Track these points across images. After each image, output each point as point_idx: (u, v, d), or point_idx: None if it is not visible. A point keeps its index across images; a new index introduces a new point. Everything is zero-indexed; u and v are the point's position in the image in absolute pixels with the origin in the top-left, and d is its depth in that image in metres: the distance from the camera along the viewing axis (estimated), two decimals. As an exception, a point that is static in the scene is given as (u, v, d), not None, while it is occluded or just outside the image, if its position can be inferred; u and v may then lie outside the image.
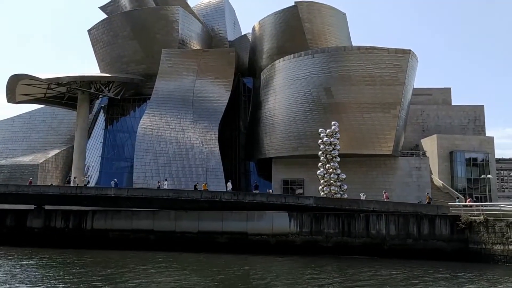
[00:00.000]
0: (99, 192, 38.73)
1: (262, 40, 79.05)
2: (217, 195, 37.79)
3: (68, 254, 35.09)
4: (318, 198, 37.68)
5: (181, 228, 37.52)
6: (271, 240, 35.47)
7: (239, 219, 36.23)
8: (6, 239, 41.14)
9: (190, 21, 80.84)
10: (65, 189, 39.58)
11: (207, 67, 74.38)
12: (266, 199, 36.93)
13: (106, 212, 39.46)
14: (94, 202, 39.15)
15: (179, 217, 37.84)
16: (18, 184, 45.27)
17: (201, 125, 70.48)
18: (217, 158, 67.22)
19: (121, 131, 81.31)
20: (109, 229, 38.90)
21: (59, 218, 40.12)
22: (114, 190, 39.10)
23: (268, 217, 35.86)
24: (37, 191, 39.12)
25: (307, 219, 34.97)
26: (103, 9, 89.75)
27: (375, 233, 33.96)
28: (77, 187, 40.33)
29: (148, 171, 65.50)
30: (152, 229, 38.17)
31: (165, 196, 37.88)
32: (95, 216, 39.46)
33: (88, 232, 39.35)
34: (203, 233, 36.86)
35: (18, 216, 41.50)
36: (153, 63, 79.03)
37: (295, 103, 65.58)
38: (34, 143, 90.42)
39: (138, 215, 38.84)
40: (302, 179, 67.44)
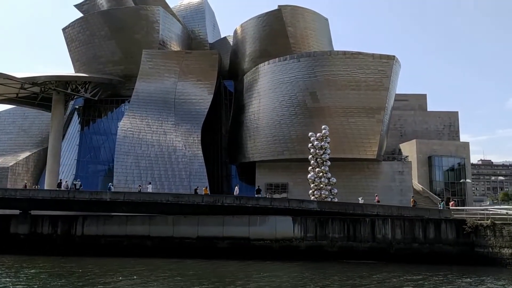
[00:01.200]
0: (94, 196, 36.87)
1: (244, 43, 78.53)
2: (219, 199, 36.77)
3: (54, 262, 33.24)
4: (323, 202, 37.40)
5: (179, 233, 36.21)
6: (274, 245, 34.80)
7: (241, 224, 35.37)
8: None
9: (170, 22, 79.36)
10: (56, 193, 37.46)
11: (189, 69, 73.12)
12: (270, 204, 36.25)
13: (97, 217, 37.63)
14: (87, 207, 37.28)
15: (178, 222, 36.54)
16: (4, 188, 42.65)
17: (184, 127, 69.10)
18: (200, 161, 66.03)
19: (97, 133, 78.59)
20: (101, 235, 37.04)
21: (46, 223, 37.87)
22: (110, 194, 37.34)
23: (271, 221, 35.19)
24: (26, 195, 36.82)
25: (312, 224, 34.55)
26: (79, 7, 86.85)
27: (381, 237, 33.96)
28: (69, 191, 38.30)
29: (129, 175, 63.56)
30: (149, 234, 36.65)
31: (164, 200, 36.53)
32: (85, 221, 37.52)
33: (78, 238, 37.36)
34: (203, 239, 35.72)
35: (1, 221, 38.99)
36: (131, 64, 77.02)
37: (280, 106, 65.40)
38: (2, 145, 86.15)
39: (133, 220, 37.25)
40: (286, 183, 67.29)
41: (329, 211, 35.53)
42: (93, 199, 36.49)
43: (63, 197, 36.73)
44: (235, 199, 36.84)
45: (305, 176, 66.70)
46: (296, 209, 35.56)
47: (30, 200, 36.82)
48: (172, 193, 41.37)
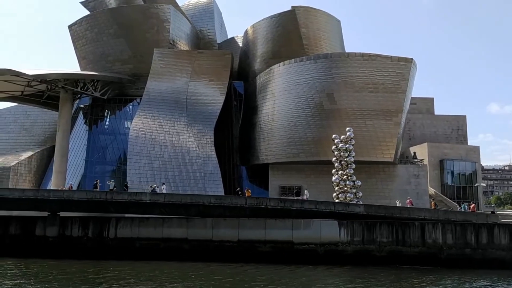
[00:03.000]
0: (133, 197, 35.42)
1: (255, 43, 77.70)
2: (262, 201, 35.74)
3: (87, 266, 31.93)
4: (369, 206, 36.66)
5: (219, 236, 35.05)
6: (319, 249, 33.91)
7: (284, 227, 34.41)
8: (10, 249, 36.92)
9: (180, 21, 78.17)
10: (93, 194, 35.94)
11: (201, 69, 72.01)
12: (315, 207, 35.37)
13: (132, 219, 36.23)
14: (124, 209, 35.88)
15: (217, 224, 35.37)
16: (36, 189, 40.98)
17: (196, 128, 67.96)
18: (214, 163, 64.97)
19: (104, 133, 76.90)
20: (136, 237, 35.66)
21: (76, 226, 36.31)
22: (150, 196, 35.93)
23: (315, 225, 34.31)
24: (60, 197, 35.21)
25: (359, 228, 33.79)
26: (85, 4, 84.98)
27: (431, 242, 33.35)
28: (107, 192, 36.86)
29: (142, 176, 62.14)
30: (186, 237, 35.37)
31: (207, 202, 35.33)
32: (119, 223, 36.07)
33: (111, 241, 35.95)
34: (244, 242, 34.63)
35: (24, 223, 37.29)
36: (140, 63, 75.71)
37: (296, 108, 64.72)
38: (3, 144, 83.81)
39: (170, 223, 35.95)
40: (300, 186, 66.59)
41: (375, 214, 34.86)
42: (132, 201, 35.14)
43: (100, 198, 35.31)
44: (279, 201, 35.91)
45: (319, 179, 66.44)
46: (342, 213, 34.81)
47: (64, 201, 35.32)
48: (214, 195, 40.25)
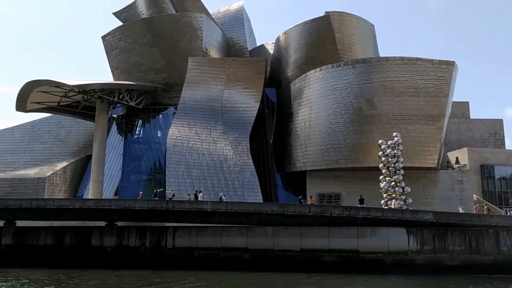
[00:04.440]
0: (194, 206, 34.95)
1: (288, 50, 77.31)
2: (327, 209, 34.97)
3: (148, 276, 31.54)
4: (439, 213, 35.61)
5: (280, 245, 34.35)
6: (387, 258, 32.97)
7: (349, 236, 33.57)
8: (65, 261, 36.76)
9: (212, 29, 78.32)
10: (155, 203, 35.64)
11: (235, 77, 71.86)
12: (382, 214, 34.48)
13: (190, 228, 35.79)
14: (183, 218, 35.40)
15: (278, 233, 34.69)
16: (97, 199, 40.91)
17: (232, 136, 67.59)
18: (251, 170, 64.39)
19: (139, 142, 77.23)
20: (194, 247, 35.17)
21: (133, 235, 36.02)
22: (211, 204, 35.47)
23: (382, 233, 33.41)
24: (121, 206, 34.99)
25: (429, 236, 32.80)
26: (117, 15, 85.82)
27: (507, 249, 32.16)
28: (168, 201, 36.48)
29: (181, 184, 61.80)
30: (246, 247, 34.80)
31: (269, 210, 34.70)
32: (176, 232, 35.64)
33: (169, 251, 35.52)
34: (307, 251, 33.87)
35: (80, 234, 37.12)
36: (173, 72, 75.99)
37: (334, 114, 63.91)
38: (38, 155, 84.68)
39: (229, 232, 35.36)
40: (339, 193, 65.57)
41: (445, 222, 33.79)
42: (193, 210, 34.66)
43: (162, 207, 34.96)
44: (344, 209, 35.08)
45: (359, 186, 65.20)
46: (410, 220, 33.82)
47: (125, 211, 35.05)
48: (276, 203, 39.65)
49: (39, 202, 38.42)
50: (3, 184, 79.01)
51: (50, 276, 32.62)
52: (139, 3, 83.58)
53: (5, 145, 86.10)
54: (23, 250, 37.53)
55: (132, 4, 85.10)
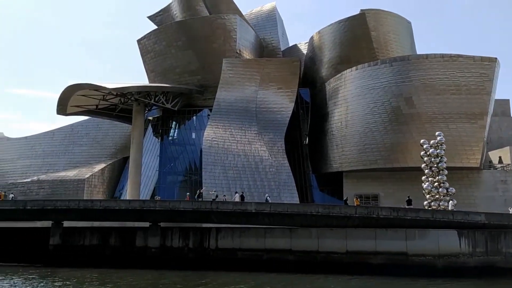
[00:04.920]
0: (238, 207, 35.09)
1: (322, 49, 76.55)
2: (373, 211, 34.45)
3: (193, 277, 31.67)
4: (491, 214, 34.52)
5: (325, 247, 33.96)
6: (437, 261, 32.07)
7: (397, 238, 32.86)
8: (110, 261, 37.40)
9: (246, 30, 78.42)
10: (199, 204, 35.96)
11: (269, 77, 71.70)
12: (432, 216, 33.66)
13: (232, 229, 35.86)
14: (226, 219, 35.49)
15: (323, 235, 34.31)
16: (141, 199, 41.65)
17: (267, 137, 67.39)
18: (287, 171, 64.02)
19: (174, 144, 78.15)
20: (237, 248, 35.23)
21: (176, 236, 36.39)
22: (255, 205, 35.54)
23: (432, 235, 32.54)
24: (165, 207, 35.47)
25: (481, 238, 31.75)
26: (152, 19, 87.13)
27: None
28: (212, 202, 36.76)
29: (218, 185, 61.89)
30: (290, 248, 34.60)
31: (314, 212, 34.43)
32: (219, 234, 35.78)
33: (212, 251, 35.67)
34: (353, 254, 33.37)
35: (124, 235, 37.77)
36: (208, 74, 76.40)
37: (372, 113, 62.77)
38: (77, 157, 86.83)
39: (272, 233, 35.24)
40: (376, 194, 64.38)
41: (497, 223, 32.64)
42: (237, 211, 34.72)
43: (206, 208, 35.17)
44: (391, 211, 34.39)
45: (398, 186, 63.89)
46: (460, 222, 32.81)
47: (169, 211, 35.43)
48: (321, 204, 39.25)
49: (87, 203, 39.30)
50: (45, 186, 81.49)
51: (96, 276, 33.20)
52: (173, 6, 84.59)
53: (46, 148, 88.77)
54: (70, 250, 38.44)
55: (166, 8, 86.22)
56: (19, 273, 33.70)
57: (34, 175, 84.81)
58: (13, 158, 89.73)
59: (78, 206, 37.18)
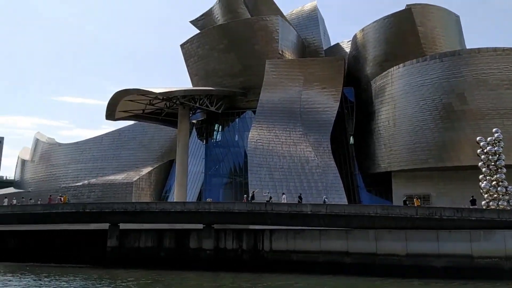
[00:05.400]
0: (293, 209, 34.95)
1: (366, 47, 75.05)
2: (436, 211, 33.40)
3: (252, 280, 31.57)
4: None
5: (383, 250, 33.16)
6: (504, 264, 30.65)
7: (460, 240, 31.61)
8: (164, 262, 38.00)
9: (288, 30, 78.03)
10: (253, 205, 36.11)
11: (313, 77, 70.99)
12: (497, 216, 32.28)
13: (287, 231, 35.66)
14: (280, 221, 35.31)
15: (381, 236, 33.55)
16: (196, 201, 42.37)
17: (312, 137, 66.74)
18: (334, 172, 63.18)
19: (218, 146, 78.81)
20: (292, 250, 35.01)
21: (230, 238, 36.58)
22: (311, 207, 35.28)
23: (498, 236, 31.13)
24: (220, 208, 35.79)
25: None
26: (194, 23, 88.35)
27: None
28: (266, 203, 36.85)
29: (264, 187, 61.68)
30: (347, 250, 34.01)
31: (372, 213, 33.78)
32: (273, 235, 35.67)
33: (266, 253, 35.58)
34: (413, 256, 32.38)
35: (178, 236, 38.32)
36: (250, 76, 76.51)
37: (421, 111, 60.94)
38: (124, 161, 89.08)
39: (328, 235, 34.79)
40: (428, 194, 62.42)
41: None
42: (293, 212, 34.53)
43: (260, 209, 35.21)
44: (455, 211, 33.17)
45: (450, 186, 61.75)
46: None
47: (224, 213, 35.67)
48: (379, 205, 38.54)
49: (143, 205, 40.15)
50: (95, 189, 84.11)
51: (153, 277, 33.72)
52: (215, 10, 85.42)
53: (96, 153, 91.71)
54: (126, 251, 39.34)
55: (208, 12, 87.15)
56: (80, 274, 34.63)
57: (85, 179, 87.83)
58: (65, 163, 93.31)
59: (135, 208, 38.06)
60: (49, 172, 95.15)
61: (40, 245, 43.94)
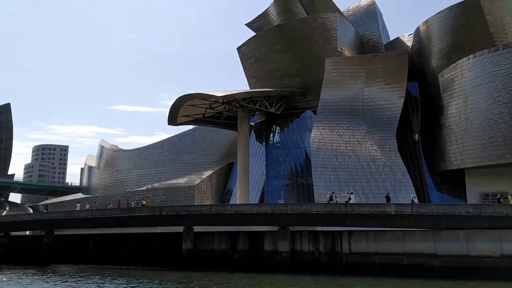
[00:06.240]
0: (375, 209, 33.67)
1: (430, 39, 71.79)
2: None
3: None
4: None
5: (475, 251, 31.20)
6: None
7: None
8: (239, 265, 37.75)
9: (346, 27, 76.25)
10: (332, 207, 35.24)
11: (376, 73, 68.76)
12: None
13: (366, 232, 34.41)
14: (360, 221, 34.09)
15: (472, 237, 31.55)
16: (273, 203, 42.22)
17: (377, 136, 64.55)
18: (402, 171, 60.67)
19: (279, 147, 78.23)
20: (373, 252, 33.68)
21: (306, 240, 35.77)
22: (395, 207, 33.89)
23: None
24: (297, 210, 35.16)
25: None
26: (250, 25, 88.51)
27: None
28: (346, 204, 35.86)
29: (330, 188, 60.10)
30: (434, 252, 32.25)
31: (463, 212, 31.93)
32: (352, 237, 34.51)
33: (346, 256, 34.45)
34: (509, 258, 30.16)
35: (252, 238, 37.97)
36: (309, 75, 75.47)
37: (496, 103, 57.21)
38: (185, 165, 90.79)
39: (411, 236, 33.20)
40: (506, 192, 58.42)
41: None
42: (375, 213, 33.25)
43: (340, 211, 34.23)
44: None
45: (532, 183, 57.60)
46: None
47: (301, 215, 34.97)
48: (471, 204, 36.59)
49: (218, 207, 40.23)
50: (158, 193, 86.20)
51: (230, 280, 33.48)
52: (271, 11, 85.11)
53: (157, 157, 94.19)
54: (200, 254, 39.48)
55: (264, 13, 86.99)
56: (157, 277, 34.93)
57: (148, 184, 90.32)
58: (128, 168, 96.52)
59: (211, 211, 38.12)
60: (114, 178, 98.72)
61: (116, 248, 45.13)
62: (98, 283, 32.28)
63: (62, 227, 47.46)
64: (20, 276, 36.34)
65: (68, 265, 45.45)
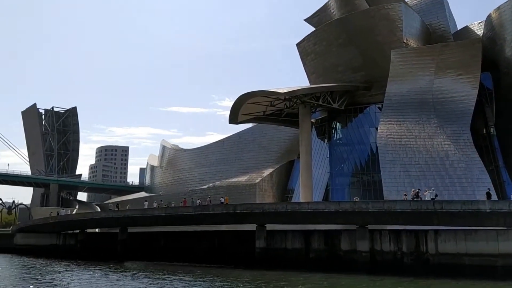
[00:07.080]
0: (467, 207, 30.62)
1: (504, 27, 66.96)
2: None
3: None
4: None
5: None
6: None
7: None
8: (314, 264, 36.64)
9: (412, 17, 72.93)
10: (418, 204, 33.40)
11: (446, 64, 65.10)
12: None
13: (455, 232, 32.23)
14: (453, 220, 31.96)
15: None
16: (352, 201, 41.10)
17: (449, 129, 61.08)
18: (479, 166, 56.99)
19: (342, 144, 76.19)
20: (463, 253, 31.47)
21: (386, 239, 34.15)
22: (489, 204, 31.27)
23: None
24: (379, 208, 33.51)
25: None
26: (309, 21, 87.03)
27: None
28: (434, 201, 33.88)
29: (399, 185, 57.82)
30: (534, 254, 29.67)
31: None
32: (439, 237, 32.45)
33: (432, 256, 32.46)
34: None
35: (327, 237, 36.76)
36: (372, 68, 72.89)
37: None
38: (246, 163, 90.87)
39: (507, 235, 30.53)
40: None
41: None
42: (467, 211, 31.08)
43: (428, 208, 32.34)
44: None
45: None
46: None
47: (383, 213, 33.35)
48: None
49: (294, 205, 39.37)
50: (220, 192, 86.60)
51: (309, 280, 32.40)
52: (330, 5, 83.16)
53: (218, 156, 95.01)
54: (273, 252, 38.77)
55: (323, 8, 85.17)
56: (230, 276, 34.44)
57: (209, 182, 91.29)
58: (190, 167, 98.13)
59: (286, 209, 37.32)
60: (177, 176, 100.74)
61: (187, 246, 45.41)
62: (185, 281, 32.22)
63: (136, 224, 48.48)
64: (107, 272, 37.24)
65: (142, 262, 46.28)
